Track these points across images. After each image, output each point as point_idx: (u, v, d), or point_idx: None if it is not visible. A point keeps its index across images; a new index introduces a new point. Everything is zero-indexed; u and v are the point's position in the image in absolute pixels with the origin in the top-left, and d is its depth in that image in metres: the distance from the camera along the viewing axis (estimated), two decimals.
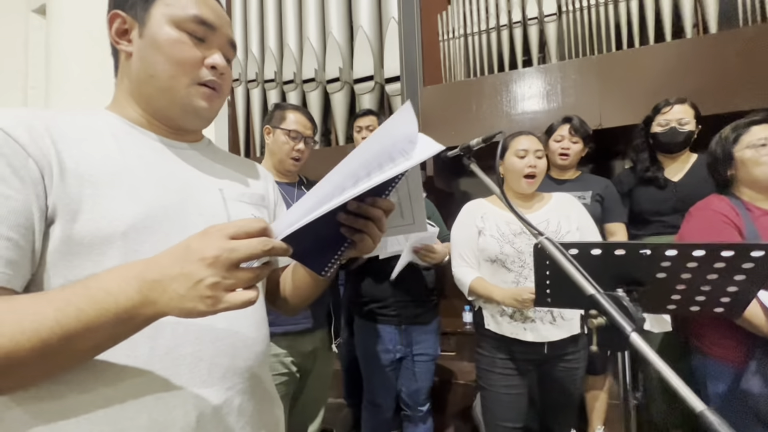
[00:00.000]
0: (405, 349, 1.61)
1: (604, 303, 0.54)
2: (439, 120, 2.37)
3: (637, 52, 2.05)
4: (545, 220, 1.36)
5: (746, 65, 1.82)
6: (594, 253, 0.93)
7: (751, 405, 1.06)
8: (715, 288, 0.93)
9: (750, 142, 1.16)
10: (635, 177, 1.78)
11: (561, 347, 1.30)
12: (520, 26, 2.32)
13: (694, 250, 0.85)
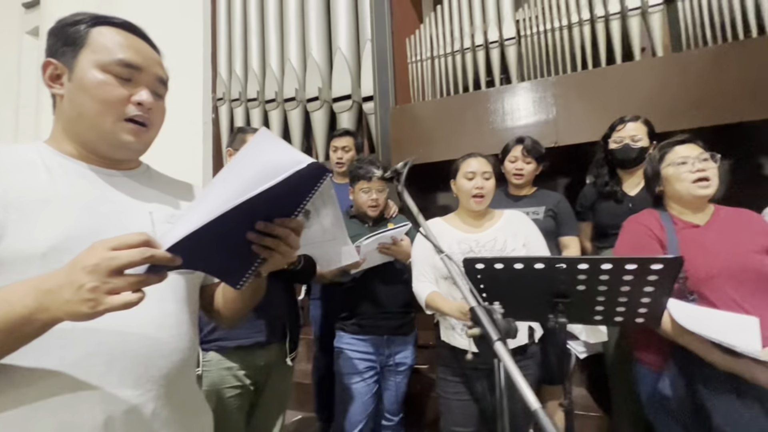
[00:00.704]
0: (386, 360, 1.66)
1: (479, 315, 0.60)
2: (408, 138, 2.47)
3: (591, 74, 2.16)
4: (493, 238, 1.43)
5: (688, 86, 1.93)
6: (517, 267, 1.00)
7: (666, 406, 1.12)
8: (631, 299, 0.99)
9: (672, 160, 1.25)
10: (596, 191, 1.86)
11: None
12: (482, 49, 2.44)
13: (603, 264, 0.92)
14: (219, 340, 1.31)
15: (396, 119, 2.52)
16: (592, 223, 1.91)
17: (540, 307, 1.07)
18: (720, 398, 1.06)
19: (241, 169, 0.55)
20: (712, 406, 1.06)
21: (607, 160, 1.83)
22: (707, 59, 1.94)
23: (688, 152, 1.23)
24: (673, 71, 1.97)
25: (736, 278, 1.11)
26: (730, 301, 1.10)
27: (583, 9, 2.26)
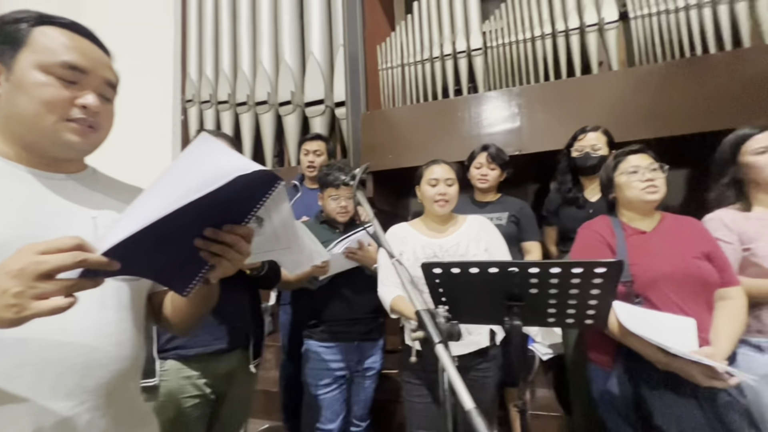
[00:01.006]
0: (356, 366, 1.66)
1: (424, 318, 0.62)
2: (378, 144, 2.49)
3: (553, 85, 2.26)
4: (456, 243, 1.47)
5: (642, 99, 2.05)
6: (473, 272, 1.03)
7: (614, 404, 1.18)
8: (580, 301, 1.03)
9: (625, 168, 1.32)
10: (560, 197, 1.94)
11: (470, 359, 1.38)
12: (451, 59, 2.51)
13: (551, 268, 0.96)
14: (178, 348, 1.27)
15: (367, 125, 2.54)
16: (556, 228, 1.98)
17: (496, 311, 1.10)
18: (660, 395, 1.12)
19: (182, 174, 0.54)
20: (653, 403, 1.12)
21: (569, 167, 1.91)
22: (658, 74, 2.06)
23: (639, 162, 1.30)
24: (628, 85, 2.08)
25: (677, 282, 1.18)
26: (671, 303, 1.17)
27: (545, 24, 2.36)
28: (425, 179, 1.50)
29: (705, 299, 1.19)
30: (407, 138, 2.42)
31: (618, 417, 1.19)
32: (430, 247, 1.46)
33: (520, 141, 2.19)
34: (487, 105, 2.29)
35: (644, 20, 2.24)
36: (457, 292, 1.10)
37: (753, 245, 1.22)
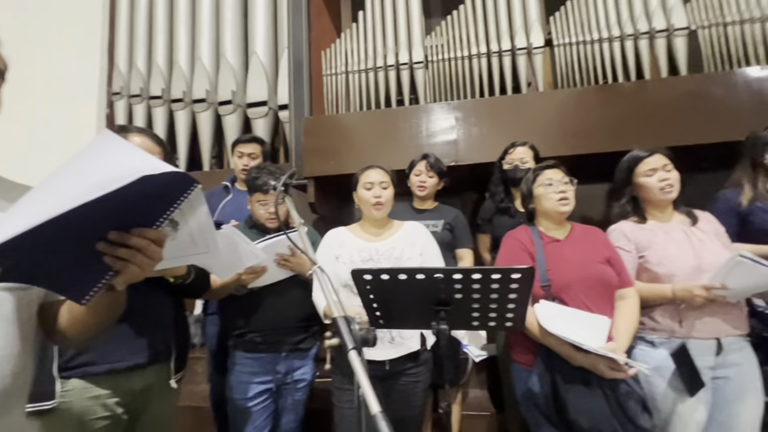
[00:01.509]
0: (284, 378, 1.59)
1: (339, 325, 0.62)
2: (320, 149, 2.47)
3: (487, 101, 2.41)
4: (392, 247, 1.50)
5: (564, 119, 2.25)
6: (402, 278, 1.06)
7: (535, 401, 1.27)
8: (500, 305, 1.10)
9: (542, 181, 1.43)
10: (494, 207, 2.05)
11: (401, 364, 1.41)
12: (394, 69, 2.58)
13: (473, 274, 1.02)
14: (85, 365, 1.14)
15: (309, 130, 2.51)
16: (490, 236, 2.09)
17: (425, 315, 1.14)
18: (573, 389, 1.22)
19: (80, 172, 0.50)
20: (567, 397, 1.22)
21: (502, 179, 2.04)
22: (577, 97, 2.28)
23: (553, 175, 1.43)
24: (552, 105, 2.28)
25: (586, 285, 1.31)
26: (582, 304, 1.29)
27: (481, 43, 2.52)
28: (361, 183, 1.52)
29: (609, 299, 1.33)
30: (350, 144, 2.44)
31: (538, 414, 1.28)
32: (366, 250, 1.47)
33: (457, 152, 2.30)
34: (427, 116, 2.38)
35: (566, 48, 2.48)
36: (387, 297, 1.12)
37: (646, 253, 1.39)
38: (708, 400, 1.29)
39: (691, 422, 1.29)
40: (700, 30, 2.39)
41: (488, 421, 2.08)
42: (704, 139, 2.07)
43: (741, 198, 1.59)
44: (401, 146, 2.38)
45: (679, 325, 1.32)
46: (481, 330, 1.55)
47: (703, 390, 1.26)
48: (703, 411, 1.29)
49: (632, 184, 1.48)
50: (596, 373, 1.20)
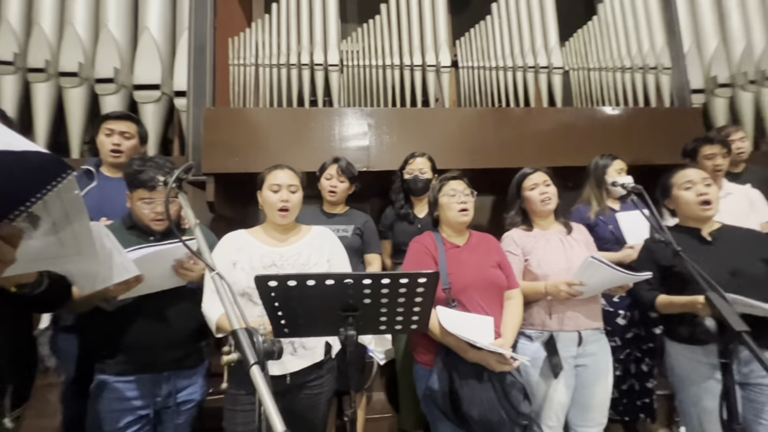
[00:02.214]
0: (165, 401, 1.37)
1: (240, 338, 0.56)
2: (223, 144, 2.27)
3: (398, 111, 2.50)
4: (297, 252, 1.42)
5: (465, 135, 2.45)
6: (310, 284, 1.02)
7: (434, 399, 1.33)
8: (407, 308, 1.13)
9: (446, 191, 1.53)
10: (394, 214, 2.10)
11: (304, 375, 1.33)
12: (308, 69, 2.51)
13: (383, 279, 1.02)
14: None
15: (211, 121, 2.29)
16: (391, 241, 2.15)
17: (332, 322, 1.11)
18: (467, 384, 1.31)
19: None
20: (462, 392, 1.30)
21: (402, 187, 2.11)
22: (477, 117, 2.51)
23: (457, 186, 1.53)
24: (455, 121, 2.47)
25: (481, 288, 1.42)
26: (477, 305, 1.40)
27: (395, 55, 2.61)
28: (267, 184, 1.41)
29: (499, 300, 1.47)
30: (257, 141, 2.29)
31: (436, 410, 1.34)
32: (269, 256, 1.37)
33: (369, 158, 2.33)
34: (340, 120, 2.36)
35: (469, 71, 2.72)
36: (294, 305, 1.06)
37: (529, 257, 1.58)
38: (571, 385, 1.51)
39: (558, 405, 1.49)
40: (571, 71, 2.85)
41: (390, 423, 2.12)
42: (571, 162, 2.45)
43: (590, 212, 1.93)
44: (312, 148, 2.32)
45: (549, 317, 1.51)
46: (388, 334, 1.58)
47: (567, 377, 1.47)
48: (567, 395, 1.50)
49: (521, 197, 1.67)
50: (487, 368, 1.31)
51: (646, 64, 2.87)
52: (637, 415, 1.91)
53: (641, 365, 1.89)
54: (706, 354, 1.35)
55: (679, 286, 1.38)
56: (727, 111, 3.03)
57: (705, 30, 3.08)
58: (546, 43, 2.78)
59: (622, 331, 1.84)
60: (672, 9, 3.02)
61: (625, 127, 2.58)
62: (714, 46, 3.04)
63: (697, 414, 1.39)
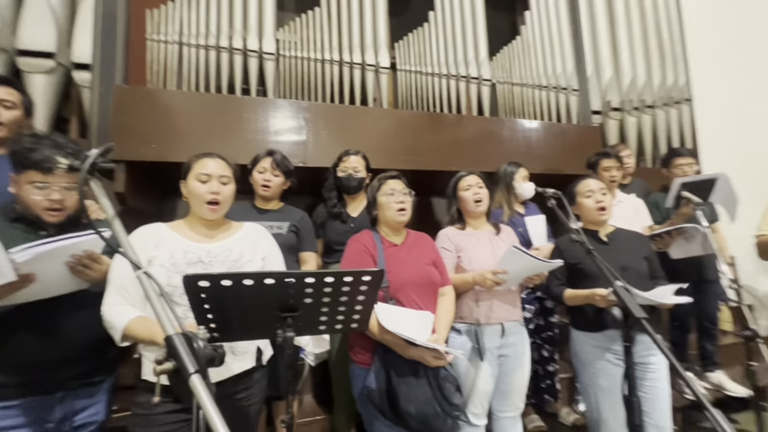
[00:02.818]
0: (59, 426, 1.15)
1: (176, 345, 0.49)
2: (137, 128, 2.01)
3: (337, 108, 2.47)
4: (228, 249, 1.31)
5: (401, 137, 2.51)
6: (247, 283, 0.95)
7: (371, 398, 1.33)
8: (348, 307, 1.11)
9: (385, 191, 1.54)
10: (326, 212, 2.05)
11: (233, 385, 1.22)
12: (241, 54, 2.35)
13: (326, 277, 1.00)
14: None
15: (122, 101, 2.01)
16: (322, 240, 2.09)
17: (269, 323, 1.05)
18: (404, 381, 1.33)
19: None
20: (400, 389, 1.32)
21: (335, 185, 2.06)
22: (413, 120, 2.59)
23: (396, 186, 1.55)
24: (393, 123, 2.51)
25: (417, 285, 1.46)
26: (414, 303, 1.43)
27: (334, 51, 2.56)
28: (194, 173, 1.26)
29: (434, 297, 1.53)
30: (179, 128, 2.07)
31: (373, 408, 1.34)
32: (194, 251, 1.23)
33: (305, 153, 2.26)
34: (275, 112, 2.25)
35: (407, 74, 2.79)
36: (226, 306, 0.98)
37: (461, 253, 1.67)
38: (495, 374, 1.63)
39: (483, 393, 1.60)
40: (498, 84, 3.08)
41: (322, 425, 2.08)
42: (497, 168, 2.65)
43: (502, 215, 2.11)
44: (243, 139, 2.17)
45: (476, 306, 1.61)
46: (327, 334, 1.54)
47: (491, 366, 1.59)
48: (491, 383, 1.61)
49: (456, 197, 1.76)
50: (424, 363, 1.35)
51: (558, 85, 3.23)
52: (542, 396, 2.13)
53: (542, 352, 2.11)
54: (603, 340, 1.56)
55: (581, 280, 1.58)
56: (618, 132, 3.54)
57: (603, 60, 3.56)
58: (477, 55, 2.96)
59: (526, 322, 2.04)
60: (579, 39, 3.44)
61: (541, 139, 2.87)
62: (609, 75, 3.54)
63: (594, 392, 1.59)
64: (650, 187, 2.73)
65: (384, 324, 1.29)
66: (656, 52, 3.60)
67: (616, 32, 3.58)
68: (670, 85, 3.58)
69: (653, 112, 3.52)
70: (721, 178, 1.97)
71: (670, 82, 3.58)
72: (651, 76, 3.56)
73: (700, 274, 2.31)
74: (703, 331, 2.46)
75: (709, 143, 3.63)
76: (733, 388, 2.36)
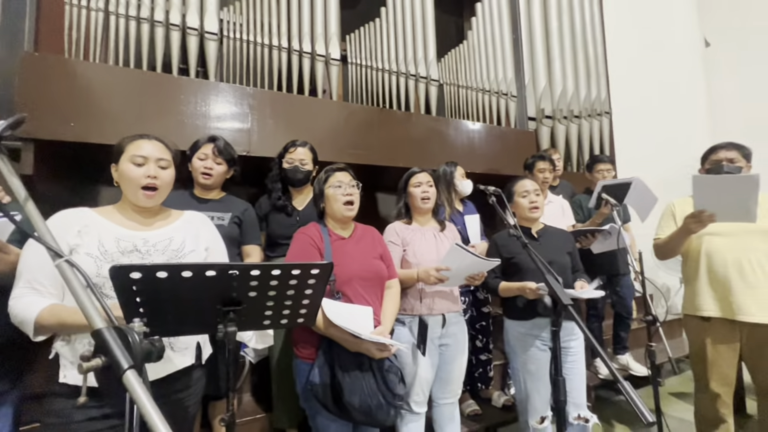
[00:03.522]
0: None
1: (107, 339, 0.45)
2: (50, 102, 1.77)
3: (285, 97, 2.38)
4: (168, 238, 1.21)
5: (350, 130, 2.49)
6: (186, 275, 0.89)
7: (315, 392, 1.33)
8: (295, 301, 1.09)
9: (332, 183, 1.52)
10: (270, 204, 1.97)
11: (168, 384, 1.15)
12: (178, 31, 2.17)
13: (273, 270, 0.96)
14: None
15: (32, 71, 1.75)
16: (265, 233, 2.00)
17: (209, 318, 0.99)
18: (349, 374, 1.34)
19: None
20: (344, 382, 1.33)
21: (280, 176, 1.99)
22: (363, 114, 2.59)
23: (343, 178, 1.54)
24: (342, 116, 2.49)
25: (364, 278, 1.47)
26: (360, 296, 1.44)
27: (283, 37, 2.47)
28: (128, 155, 1.15)
29: (380, 290, 1.55)
30: (105, 106, 1.86)
31: (316, 403, 1.33)
32: (128, 240, 1.12)
33: (249, 142, 2.15)
34: (218, 96, 2.11)
35: (357, 68, 2.77)
36: (161, 299, 0.91)
37: (407, 248, 1.72)
38: (435, 363, 1.70)
39: (424, 382, 1.67)
40: (445, 85, 3.19)
41: (261, 424, 2.02)
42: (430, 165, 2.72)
43: (445, 213, 2.21)
44: (180, 122, 2.01)
45: (419, 302, 1.67)
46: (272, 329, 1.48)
47: (432, 356, 1.66)
48: (432, 372, 1.68)
49: (406, 192, 1.80)
50: (368, 356, 1.36)
51: (500, 90, 3.43)
52: (475, 383, 2.28)
53: (476, 342, 2.25)
54: (532, 328, 1.70)
55: (515, 274, 1.72)
56: (549, 137, 3.85)
57: (539, 71, 3.85)
58: (426, 55, 3.04)
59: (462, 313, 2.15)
60: (519, 49, 3.68)
61: (483, 141, 3.03)
62: (543, 85, 3.83)
63: (524, 376, 1.73)
64: (575, 189, 3.02)
65: (331, 318, 1.29)
66: (583, 67, 3.97)
67: (550, 46, 3.88)
68: (594, 98, 3.97)
69: (579, 122, 3.88)
70: (636, 182, 2.24)
71: (593, 95, 3.97)
72: (578, 89, 3.91)
73: (614, 267, 2.62)
74: (619, 320, 2.79)
75: (624, 151, 4.11)
76: (636, 368, 2.70)
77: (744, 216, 1.56)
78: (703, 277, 1.82)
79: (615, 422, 2.52)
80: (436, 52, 3.10)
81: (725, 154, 1.78)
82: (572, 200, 2.76)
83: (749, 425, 2.19)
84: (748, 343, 1.75)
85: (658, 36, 4.44)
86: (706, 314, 1.80)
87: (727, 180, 1.58)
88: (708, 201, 1.60)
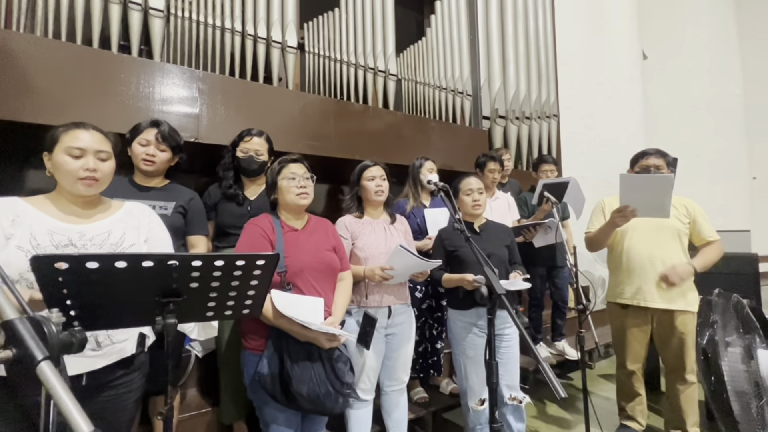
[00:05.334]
0: None
1: (19, 330, 0.43)
2: None
3: (237, 83, 2.30)
4: (107, 231, 1.15)
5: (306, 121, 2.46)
6: (120, 266, 0.85)
7: (263, 383, 1.33)
8: (240, 292, 1.08)
9: (286, 174, 1.51)
10: (221, 193, 1.92)
11: (107, 374, 1.11)
12: (119, 4, 2.01)
13: (216, 261, 0.95)
14: None
15: None
16: (214, 222, 1.95)
17: (147, 310, 0.96)
18: (298, 364, 1.35)
19: None
20: (293, 372, 1.34)
21: (233, 165, 1.94)
22: (320, 105, 2.56)
23: (297, 170, 1.53)
24: (298, 105, 2.45)
25: (316, 270, 1.48)
26: (312, 288, 1.45)
27: (236, 20, 2.37)
28: (63, 146, 1.08)
29: (333, 282, 1.57)
30: (33, 82, 1.70)
31: (264, 394, 1.33)
32: (63, 233, 1.06)
33: (198, 128, 2.06)
34: (163, 78, 2.00)
35: (315, 57, 2.73)
36: (91, 292, 0.87)
37: (356, 241, 1.75)
38: (381, 352, 1.75)
39: (371, 370, 1.72)
40: (403, 80, 3.22)
41: (207, 419, 1.97)
42: (398, 160, 2.78)
43: (407, 206, 2.28)
44: (120, 103, 1.89)
45: (365, 298, 1.72)
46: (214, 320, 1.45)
47: (378, 345, 1.71)
48: (378, 361, 1.74)
49: (359, 185, 1.82)
50: (318, 346, 1.38)
51: (456, 88, 3.52)
52: (428, 371, 2.37)
53: (432, 330, 2.35)
54: (471, 316, 1.81)
55: (457, 266, 1.81)
56: (502, 136, 4.03)
57: (494, 71, 4.00)
58: (385, 49, 3.05)
59: (419, 302, 2.23)
60: (475, 49, 3.79)
61: (438, 137, 3.11)
62: (498, 86, 3.99)
63: (463, 361, 1.84)
64: (522, 186, 3.20)
65: (280, 308, 1.29)
66: (535, 71, 4.17)
67: (505, 49, 4.04)
68: (544, 101, 4.20)
69: (530, 123, 4.09)
70: (572, 182, 2.44)
71: (543, 98, 4.20)
72: (530, 92, 4.12)
73: (553, 260, 2.82)
74: (556, 309, 3.01)
75: (569, 152, 4.39)
76: (570, 352, 2.94)
77: (659, 212, 1.77)
78: (623, 268, 2.05)
79: (547, 402, 2.76)
80: (396, 46, 3.12)
81: (654, 161, 1.99)
82: (518, 197, 2.93)
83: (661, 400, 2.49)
84: (657, 327, 2.01)
85: (602, 47, 4.77)
86: (624, 302, 2.05)
87: (648, 179, 1.79)
88: (631, 197, 1.80)
